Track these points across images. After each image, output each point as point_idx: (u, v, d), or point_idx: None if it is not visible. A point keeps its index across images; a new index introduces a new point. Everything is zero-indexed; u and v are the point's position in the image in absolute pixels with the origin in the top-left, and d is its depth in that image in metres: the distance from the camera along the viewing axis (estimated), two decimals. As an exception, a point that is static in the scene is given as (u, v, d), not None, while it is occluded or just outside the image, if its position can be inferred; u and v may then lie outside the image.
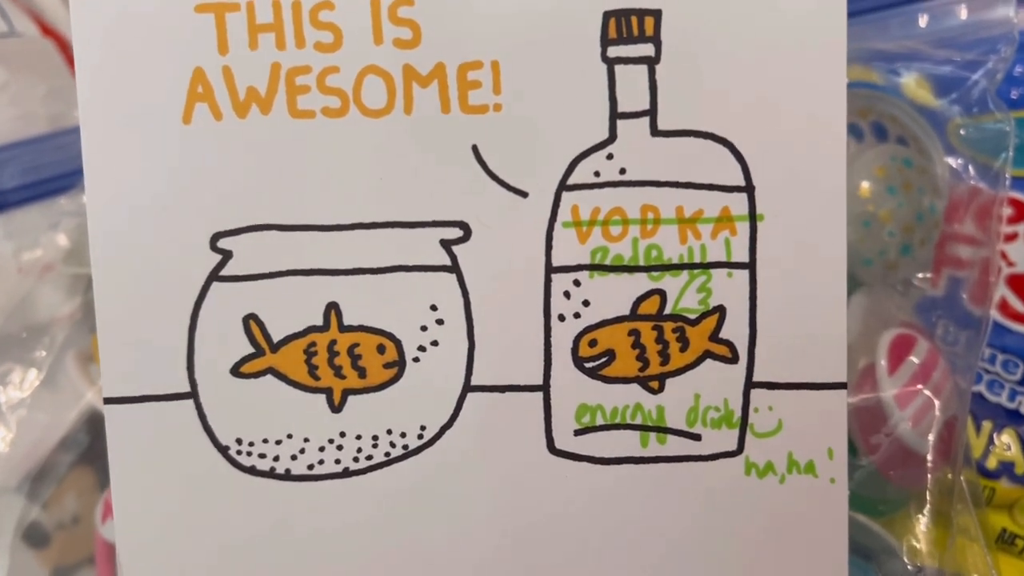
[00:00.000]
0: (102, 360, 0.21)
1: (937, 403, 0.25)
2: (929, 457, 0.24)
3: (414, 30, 0.21)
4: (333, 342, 0.21)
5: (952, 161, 0.27)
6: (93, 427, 0.29)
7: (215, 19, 0.21)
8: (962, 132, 0.27)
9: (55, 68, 0.34)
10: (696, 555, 0.22)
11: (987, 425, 0.30)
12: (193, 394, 0.21)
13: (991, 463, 0.30)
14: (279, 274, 0.21)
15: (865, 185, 0.26)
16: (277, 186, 0.21)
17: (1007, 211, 0.30)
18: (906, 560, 0.24)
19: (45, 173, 0.31)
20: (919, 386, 0.25)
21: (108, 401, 0.21)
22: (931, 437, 0.25)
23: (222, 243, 0.21)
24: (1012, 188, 0.29)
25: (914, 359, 0.25)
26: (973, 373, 0.27)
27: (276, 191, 0.21)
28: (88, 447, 0.29)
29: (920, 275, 0.28)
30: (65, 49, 0.35)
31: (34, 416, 0.29)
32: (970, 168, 0.27)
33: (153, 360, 0.21)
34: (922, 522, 0.25)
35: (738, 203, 0.21)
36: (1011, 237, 0.30)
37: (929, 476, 0.25)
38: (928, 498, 0.25)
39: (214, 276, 0.21)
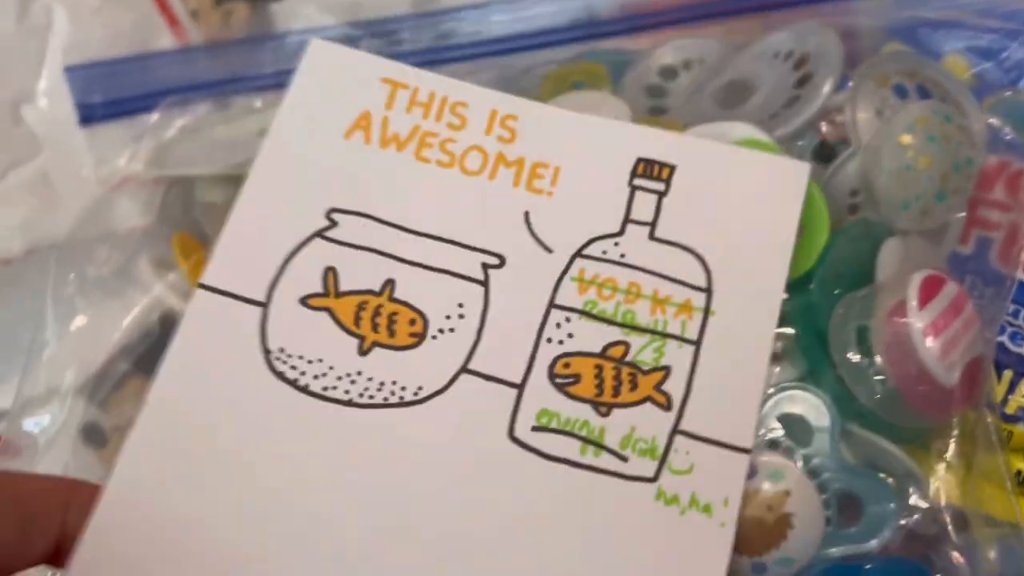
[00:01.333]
0: (216, 251, 0.28)
1: (963, 340, 0.26)
2: (954, 391, 0.26)
3: (512, 134, 0.31)
4: (380, 306, 0.28)
5: (987, 129, 0.29)
6: (157, 335, 0.31)
7: (391, 88, 0.31)
8: (998, 101, 0.30)
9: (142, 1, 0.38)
10: (594, 554, 0.25)
11: (1008, 373, 0.31)
12: (265, 305, 0.28)
13: (1010, 408, 0.30)
14: (363, 248, 0.29)
15: (907, 134, 0.28)
16: (387, 194, 0.30)
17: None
18: (926, 494, 0.25)
19: (129, 92, 0.34)
20: (947, 321, 0.26)
21: (201, 286, 0.28)
22: (956, 372, 0.26)
23: (334, 215, 0.30)
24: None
25: (943, 297, 0.27)
26: (997, 324, 0.28)
27: (385, 197, 0.30)
28: (148, 355, 0.31)
29: (957, 215, 0.29)
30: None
31: (100, 321, 0.31)
32: (1004, 137, 0.30)
33: (249, 270, 0.28)
34: (943, 456, 0.26)
35: (698, 298, 0.29)
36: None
37: (953, 412, 0.26)
38: (951, 435, 0.26)
39: (318, 233, 0.29)
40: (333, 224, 0.29)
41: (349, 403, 0.27)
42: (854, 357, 0.28)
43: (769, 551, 0.26)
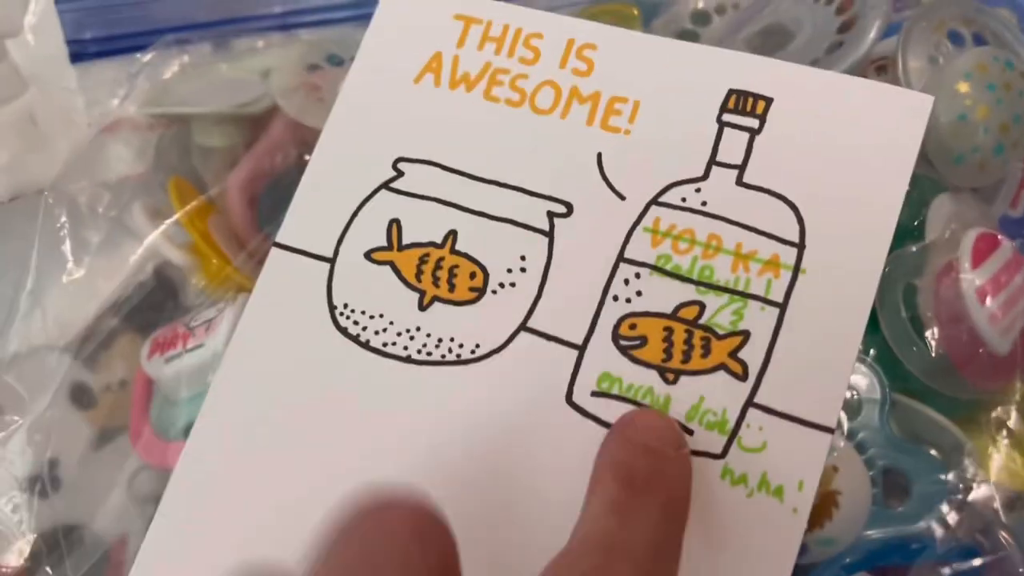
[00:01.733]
0: (291, 208, 0.28)
1: (1020, 304, 0.24)
2: (1006, 359, 0.24)
3: (589, 65, 0.28)
4: (441, 259, 0.27)
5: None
6: (151, 288, 0.29)
7: (463, 25, 0.29)
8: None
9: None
10: None
11: None
12: (333, 261, 0.28)
13: None
14: (427, 198, 0.28)
15: (964, 82, 0.26)
16: (454, 139, 0.28)
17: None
18: (976, 471, 0.23)
19: (124, 28, 0.32)
20: (1003, 283, 0.24)
21: (276, 245, 0.28)
22: (1011, 338, 0.24)
23: (400, 165, 0.28)
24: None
25: (998, 257, 0.25)
26: None
27: (452, 142, 0.28)
28: (140, 315, 0.30)
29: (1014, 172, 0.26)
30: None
31: (91, 272, 0.29)
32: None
33: (319, 227, 0.28)
34: (995, 430, 0.24)
35: (788, 254, 0.25)
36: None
37: (1007, 382, 0.24)
38: (1006, 407, 0.24)
39: (385, 185, 0.28)
40: (400, 174, 0.28)
41: (408, 359, 0.27)
42: (901, 318, 0.25)
43: (812, 530, 0.23)
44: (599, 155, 0.27)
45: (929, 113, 0.25)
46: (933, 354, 0.25)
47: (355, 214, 0.28)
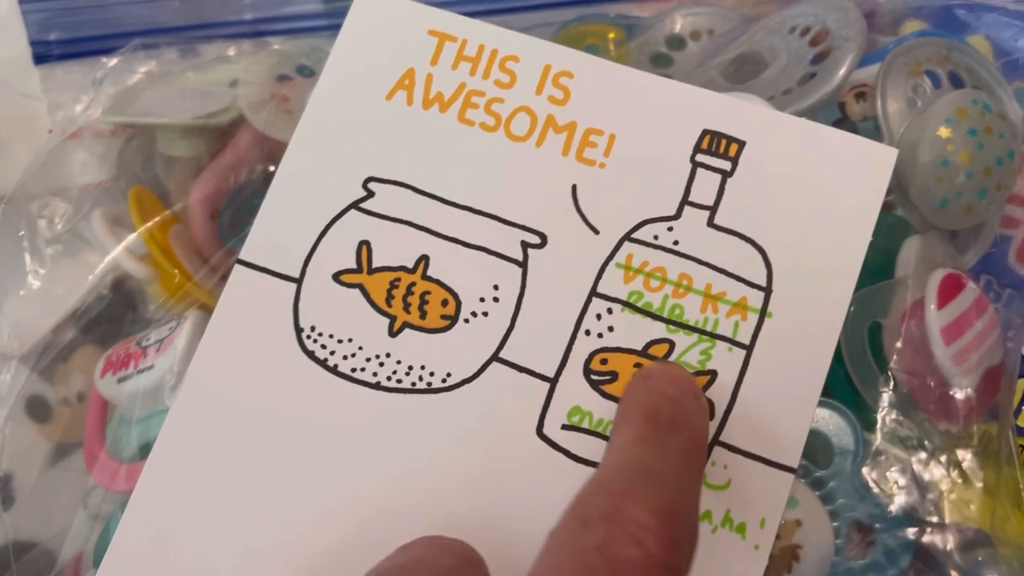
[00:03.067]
0: (255, 225, 0.28)
1: (983, 346, 0.25)
2: (970, 399, 0.24)
3: (565, 94, 0.28)
4: (413, 284, 0.27)
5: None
6: (109, 300, 0.29)
7: (437, 42, 0.29)
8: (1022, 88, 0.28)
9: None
10: None
11: (1022, 383, 0.29)
12: (299, 281, 0.27)
13: None
14: (398, 220, 0.28)
15: (945, 127, 0.27)
16: (427, 161, 0.28)
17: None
18: (931, 510, 0.24)
19: (89, 31, 0.30)
20: (966, 325, 0.25)
21: (239, 263, 0.28)
22: (973, 379, 0.25)
23: (371, 185, 0.28)
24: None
25: (964, 299, 0.26)
26: (1019, 332, 0.27)
27: (425, 165, 0.28)
28: (99, 327, 0.29)
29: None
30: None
31: (48, 286, 0.28)
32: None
33: (285, 246, 0.28)
34: (956, 470, 0.24)
35: (755, 298, 0.26)
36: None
37: (967, 423, 0.25)
38: (966, 448, 0.25)
39: (354, 205, 0.28)
40: (370, 194, 0.28)
41: (377, 386, 0.26)
42: (866, 356, 0.26)
43: None
44: (574, 187, 0.27)
45: (893, 165, 0.26)
46: (896, 392, 0.26)
47: (323, 233, 0.28)
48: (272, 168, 0.30)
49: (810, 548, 0.24)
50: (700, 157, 0.27)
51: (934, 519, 0.24)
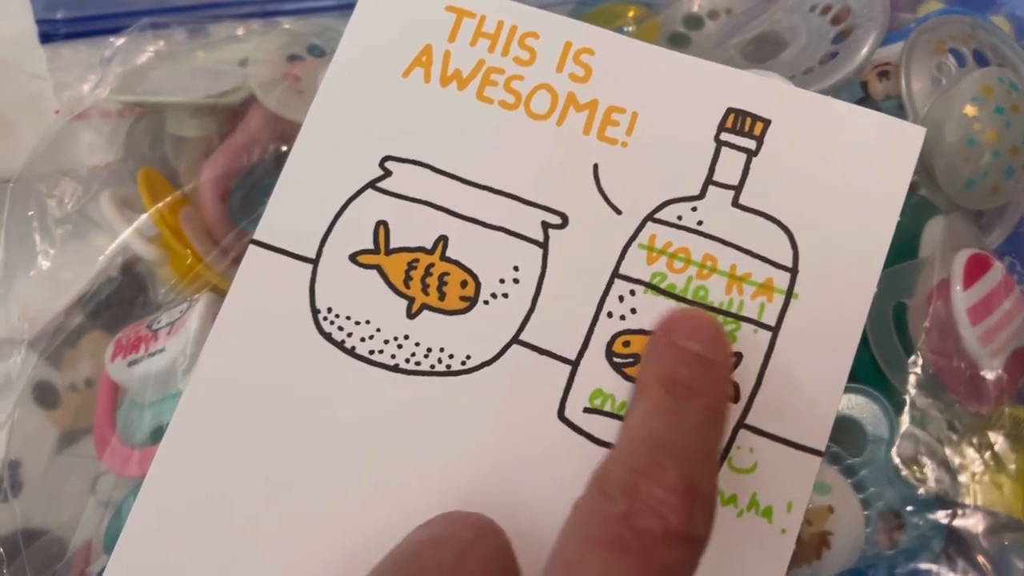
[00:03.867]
0: (270, 205, 0.27)
1: (1010, 326, 0.25)
2: (999, 381, 0.24)
3: (587, 71, 0.27)
4: (431, 265, 0.27)
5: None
6: (118, 284, 0.28)
7: (455, 18, 0.28)
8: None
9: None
10: None
11: None
12: (315, 262, 0.27)
13: None
14: (417, 200, 0.27)
15: (971, 105, 0.26)
16: (446, 140, 0.27)
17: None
18: (961, 494, 0.23)
19: (97, 10, 0.30)
20: (993, 304, 0.25)
21: (254, 243, 0.27)
22: (1000, 360, 0.24)
23: (388, 164, 0.27)
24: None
25: (990, 279, 0.25)
26: None
27: (443, 143, 0.27)
28: (108, 311, 0.28)
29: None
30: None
31: (57, 269, 0.28)
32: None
33: (301, 226, 0.27)
34: (983, 454, 0.24)
35: (781, 279, 0.25)
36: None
37: (995, 405, 0.24)
38: (995, 430, 0.24)
39: (371, 184, 0.27)
40: (387, 174, 0.27)
41: (395, 368, 0.26)
42: (891, 337, 0.25)
43: (799, 567, 0.24)
44: (595, 166, 0.27)
45: (921, 144, 0.26)
46: (923, 374, 0.25)
47: (339, 213, 0.27)
48: (284, 148, 0.29)
49: (841, 535, 0.24)
50: (724, 136, 0.26)
51: (964, 503, 0.24)
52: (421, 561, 0.21)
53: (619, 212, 0.26)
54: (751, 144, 0.26)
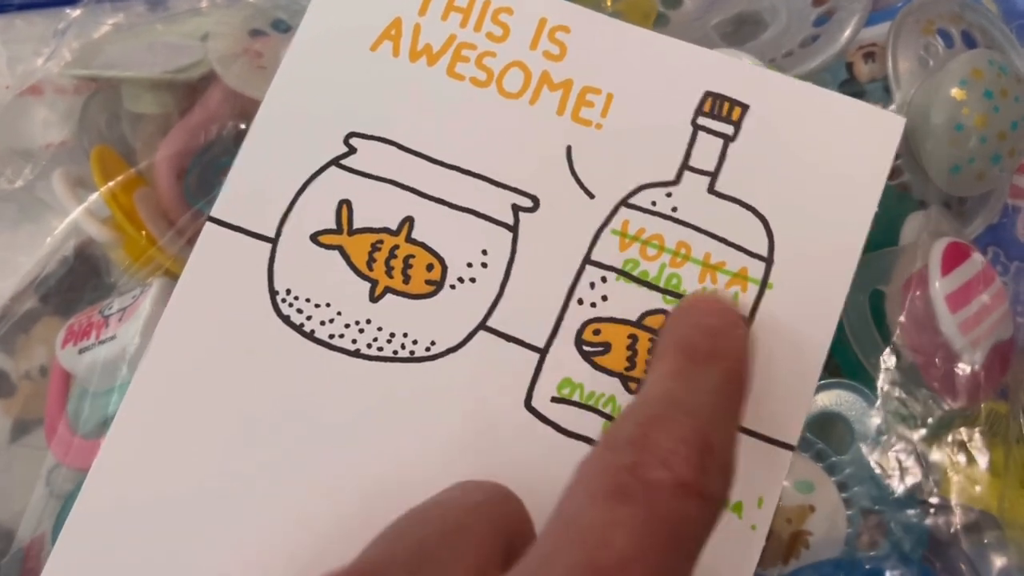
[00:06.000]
0: (228, 181, 0.26)
1: (990, 318, 0.24)
2: (977, 374, 0.24)
3: (562, 49, 0.27)
4: (396, 247, 0.26)
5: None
6: (71, 267, 0.27)
7: (426, -9, 0.27)
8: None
9: None
10: None
11: None
12: (274, 241, 0.26)
13: None
14: (381, 179, 0.26)
15: (959, 88, 0.25)
16: (413, 117, 0.26)
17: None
18: (934, 491, 0.23)
19: None
20: (972, 293, 0.24)
21: (211, 220, 0.26)
22: (980, 353, 0.24)
23: (352, 140, 0.26)
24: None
25: (969, 268, 0.24)
26: None
27: (411, 120, 0.26)
28: (60, 296, 0.28)
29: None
30: None
31: (7, 252, 0.27)
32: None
33: (260, 203, 0.26)
34: (963, 449, 0.23)
35: (756, 268, 0.25)
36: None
37: (975, 399, 0.24)
38: (973, 426, 0.24)
39: (335, 161, 0.26)
40: (352, 151, 0.26)
41: (356, 354, 0.25)
42: (868, 324, 0.25)
43: (775, 565, 0.23)
44: (569, 148, 0.26)
45: (900, 134, 0.25)
46: (900, 365, 0.25)
47: (301, 191, 0.26)
48: (244, 126, 0.28)
49: (820, 535, 0.23)
50: (701, 120, 0.26)
51: (937, 500, 0.23)
52: (425, 520, 0.20)
53: (592, 196, 0.25)
54: (728, 129, 0.25)
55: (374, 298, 0.25)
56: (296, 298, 0.25)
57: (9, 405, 0.28)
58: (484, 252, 0.25)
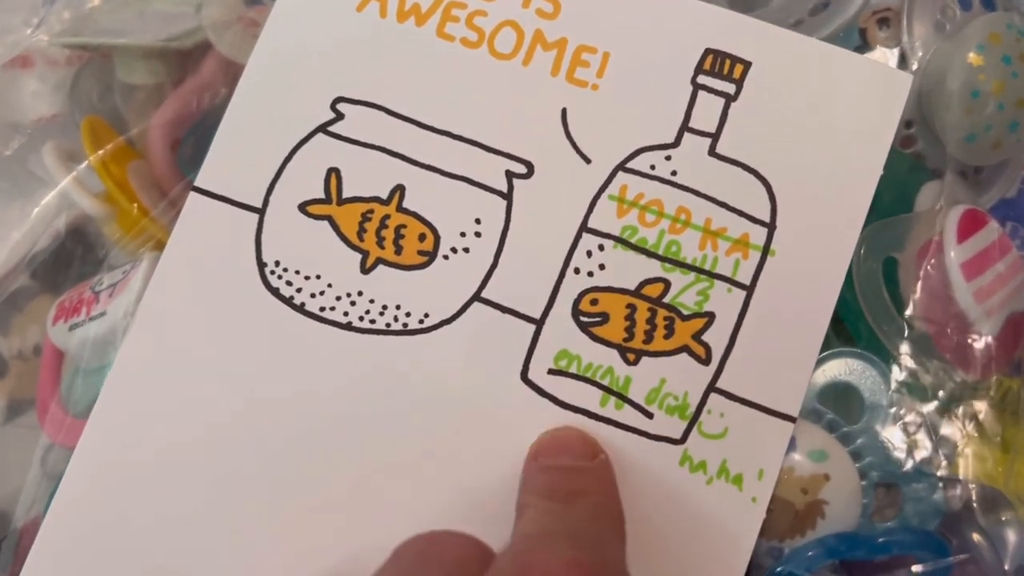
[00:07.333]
0: (212, 150, 0.25)
1: (1006, 288, 0.23)
2: (991, 345, 0.23)
3: (556, 7, 0.25)
4: (387, 216, 0.25)
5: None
6: (62, 242, 0.27)
7: (413, -53, 0.26)
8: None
9: None
10: None
11: None
12: (262, 212, 0.25)
13: None
14: (371, 146, 0.25)
15: (977, 53, 0.24)
16: (402, 81, 0.25)
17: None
18: (943, 464, 0.22)
19: None
20: (987, 262, 0.23)
21: (195, 190, 0.25)
22: (995, 323, 0.23)
23: (340, 106, 0.25)
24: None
25: (985, 236, 0.24)
26: None
27: (400, 84, 0.25)
28: (53, 273, 0.27)
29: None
30: None
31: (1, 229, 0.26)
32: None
33: (246, 172, 0.25)
34: (975, 423, 0.23)
35: (758, 234, 0.24)
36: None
37: (989, 371, 0.23)
38: (985, 399, 0.23)
39: (322, 128, 0.25)
40: (339, 117, 0.25)
41: (348, 326, 0.24)
42: (881, 292, 0.24)
43: (792, 537, 0.23)
44: (564, 111, 0.25)
45: (908, 91, 0.24)
46: (914, 334, 0.24)
47: (288, 159, 0.25)
48: (238, 96, 0.27)
49: (836, 505, 0.23)
50: (702, 79, 0.25)
51: (946, 473, 0.23)
52: None
53: (588, 161, 0.25)
54: (730, 88, 0.24)
55: (365, 269, 0.25)
56: (285, 270, 0.25)
57: (3, 385, 0.27)
58: (477, 221, 0.25)
